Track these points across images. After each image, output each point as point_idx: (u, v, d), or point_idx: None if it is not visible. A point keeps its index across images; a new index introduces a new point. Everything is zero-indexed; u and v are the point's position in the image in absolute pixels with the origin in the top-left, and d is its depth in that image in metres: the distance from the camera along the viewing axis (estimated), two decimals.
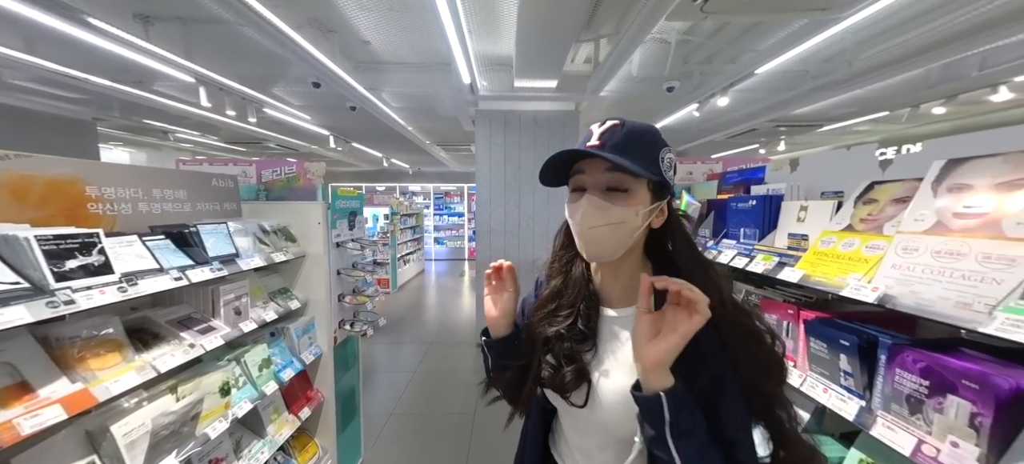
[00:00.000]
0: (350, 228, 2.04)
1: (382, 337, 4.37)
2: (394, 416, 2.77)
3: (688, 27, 2.68)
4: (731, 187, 1.85)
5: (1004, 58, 3.01)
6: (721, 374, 0.53)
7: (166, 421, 1.02)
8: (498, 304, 0.68)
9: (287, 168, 2.03)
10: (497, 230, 3.78)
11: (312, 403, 1.71)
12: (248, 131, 5.11)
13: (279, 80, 3.63)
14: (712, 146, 6.56)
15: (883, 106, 4.24)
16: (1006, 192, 0.65)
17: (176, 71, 2.83)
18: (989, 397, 0.61)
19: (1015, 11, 2.11)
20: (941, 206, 0.75)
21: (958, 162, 0.75)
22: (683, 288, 0.47)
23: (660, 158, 0.56)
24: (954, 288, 0.66)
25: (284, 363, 1.54)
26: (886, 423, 0.78)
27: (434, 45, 2.93)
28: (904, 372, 0.76)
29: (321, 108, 4.50)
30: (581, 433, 0.66)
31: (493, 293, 0.69)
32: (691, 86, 3.57)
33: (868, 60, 2.96)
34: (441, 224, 10.84)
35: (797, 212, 1.25)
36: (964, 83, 3.42)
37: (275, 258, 1.50)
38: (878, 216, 0.97)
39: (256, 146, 6.84)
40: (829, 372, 0.97)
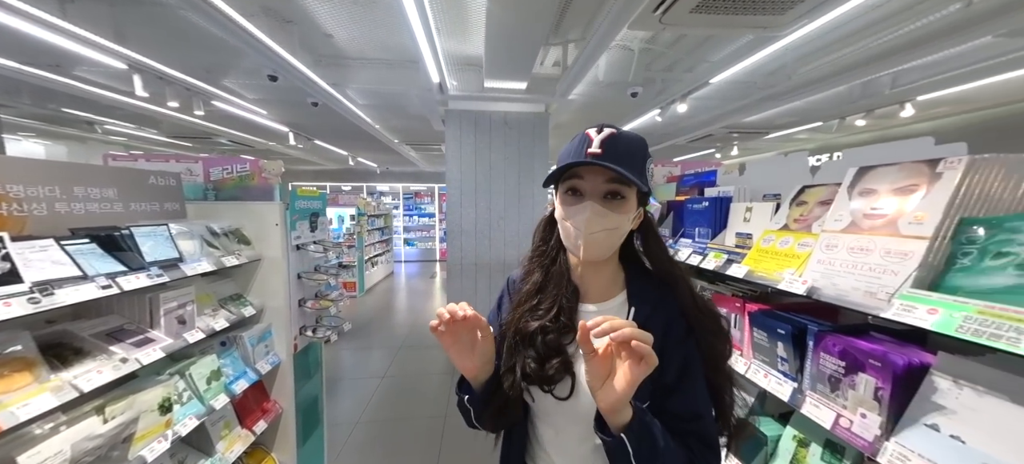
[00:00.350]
0: (312, 230, 1.94)
1: (348, 342, 4.19)
2: (361, 424, 2.67)
3: (650, 36, 2.82)
4: (687, 189, 1.97)
5: (909, 79, 3.48)
6: (690, 357, 0.60)
7: (91, 446, 0.91)
8: (473, 352, 0.62)
9: (240, 166, 1.89)
10: (468, 231, 3.75)
11: (269, 415, 1.61)
12: (194, 125, 4.69)
13: (230, 71, 3.37)
14: (674, 150, 6.93)
15: (817, 117, 4.72)
16: (902, 196, 0.75)
17: (103, 56, 2.54)
18: (888, 373, 0.70)
19: (918, 39, 2.45)
20: (854, 208, 0.85)
21: (867, 169, 0.85)
22: (634, 335, 0.47)
23: (647, 167, 0.62)
24: (863, 279, 0.75)
25: (237, 374, 1.44)
26: (813, 401, 0.87)
27: (401, 42, 2.85)
28: (826, 355, 0.85)
29: (279, 103, 4.23)
30: (560, 429, 0.67)
31: (456, 344, 0.61)
32: (654, 92, 3.76)
33: (804, 75, 3.28)
34: (411, 225, 10.57)
35: (743, 213, 1.35)
36: (879, 99, 3.90)
37: (226, 262, 1.39)
38: (808, 217, 1.08)
39: (204, 141, 6.29)
40: (769, 358, 1.06)
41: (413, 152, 7.61)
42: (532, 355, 0.63)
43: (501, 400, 0.65)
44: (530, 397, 0.65)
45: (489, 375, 0.65)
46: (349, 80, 3.49)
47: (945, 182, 0.69)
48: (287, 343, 1.69)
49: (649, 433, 0.53)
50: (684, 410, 0.59)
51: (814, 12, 1.87)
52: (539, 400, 0.65)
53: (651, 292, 0.65)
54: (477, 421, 0.68)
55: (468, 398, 0.66)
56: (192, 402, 1.23)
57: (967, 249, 0.64)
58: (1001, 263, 0.58)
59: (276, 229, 1.63)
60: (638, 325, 0.60)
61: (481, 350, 0.63)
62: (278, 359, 1.66)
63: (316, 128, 5.61)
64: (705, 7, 1.81)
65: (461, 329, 0.60)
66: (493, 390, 0.64)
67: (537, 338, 0.63)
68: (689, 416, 0.59)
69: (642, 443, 0.52)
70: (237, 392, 1.39)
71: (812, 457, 0.93)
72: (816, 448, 0.93)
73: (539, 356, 0.62)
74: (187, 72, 3.13)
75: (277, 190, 1.89)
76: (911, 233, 0.71)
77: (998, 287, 0.57)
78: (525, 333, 0.64)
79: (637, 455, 0.52)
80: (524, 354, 0.64)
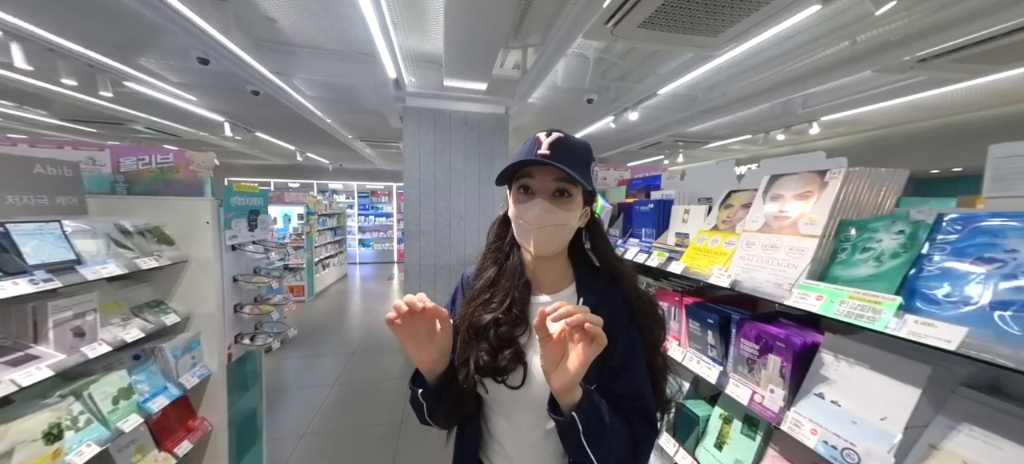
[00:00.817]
0: (251, 229, 1.78)
1: (295, 350, 3.89)
2: (307, 436, 2.49)
3: (604, 46, 2.98)
4: (636, 192, 2.11)
5: (816, 102, 4.07)
6: (633, 341, 0.66)
7: None
8: (431, 344, 0.63)
9: (161, 156, 1.68)
10: (427, 231, 3.67)
11: (195, 434, 1.44)
12: (100, 108, 4.04)
13: (148, 49, 2.95)
14: (627, 155, 7.37)
15: (747, 130, 5.32)
16: (801, 200, 0.88)
17: None
18: (790, 352, 0.82)
19: (820, 68, 2.88)
20: (768, 211, 0.98)
21: (777, 177, 0.99)
22: (586, 319, 0.51)
23: (591, 169, 0.66)
24: (773, 273, 0.87)
25: (154, 390, 1.27)
26: (735, 382, 0.99)
27: (355, 34, 2.71)
28: (745, 340, 0.97)
29: (213, 89, 3.80)
30: (512, 418, 0.69)
31: (413, 338, 0.61)
32: (608, 100, 3.97)
33: (736, 92, 3.68)
34: (367, 225, 10.06)
35: (682, 214, 1.49)
36: (793, 117, 4.51)
37: (141, 264, 1.23)
38: (733, 218, 1.22)
39: (114, 128, 5.42)
40: (701, 346, 1.18)
41: (369, 149, 7.25)
42: (485, 347, 0.65)
43: (455, 394, 0.66)
44: (483, 389, 0.67)
45: (444, 368, 0.65)
46: (296, 69, 3.24)
47: (830, 190, 0.82)
48: (219, 353, 1.53)
49: (597, 411, 0.58)
50: (628, 390, 0.65)
51: (741, 37, 2.11)
52: (492, 391, 0.67)
53: (598, 284, 0.70)
54: (429, 416, 0.68)
55: (422, 392, 0.66)
56: (91, 427, 1.07)
57: (844, 245, 0.77)
58: (865, 257, 0.71)
59: (207, 227, 1.47)
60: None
61: (439, 343, 0.63)
62: (208, 371, 1.50)
63: (258, 119, 5.12)
64: (651, 23, 1.96)
65: (418, 322, 0.60)
66: (447, 383, 0.65)
67: (490, 331, 0.66)
68: (632, 395, 0.65)
69: (590, 420, 0.56)
70: (154, 411, 1.24)
71: (734, 431, 1.06)
72: (737, 423, 1.06)
73: (492, 348, 0.65)
74: (89, 46, 2.69)
75: (209, 184, 1.71)
76: (807, 232, 0.83)
77: (863, 276, 0.69)
78: (478, 326, 0.67)
79: (586, 432, 0.56)
80: (477, 347, 0.66)
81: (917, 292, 0.61)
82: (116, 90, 3.23)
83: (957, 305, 0.55)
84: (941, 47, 2.21)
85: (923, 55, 2.32)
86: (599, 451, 0.58)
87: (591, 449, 0.57)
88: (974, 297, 0.54)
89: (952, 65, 2.45)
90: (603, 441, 0.58)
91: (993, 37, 2.08)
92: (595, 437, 0.57)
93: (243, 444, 1.74)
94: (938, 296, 0.58)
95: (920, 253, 0.64)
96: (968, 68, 2.53)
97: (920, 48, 2.26)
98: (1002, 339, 0.49)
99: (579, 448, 0.57)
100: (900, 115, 4.53)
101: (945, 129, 4.66)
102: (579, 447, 0.57)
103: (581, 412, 0.56)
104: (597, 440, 0.57)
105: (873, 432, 0.66)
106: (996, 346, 0.49)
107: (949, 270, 0.59)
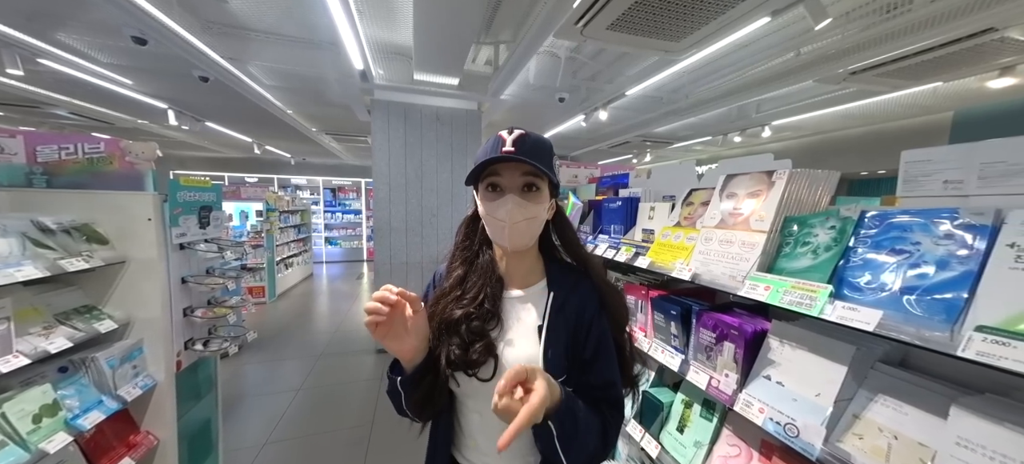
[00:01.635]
0: (202, 226, 1.64)
1: (255, 355, 3.66)
2: (269, 445, 2.36)
3: (575, 46, 3.04)
4: (606, 190, 2.18)
5: (768, 107, 4.42)
6: (604, 331, 0.69)
7: None
8: (409, 334, 0.62)
9: (90, 146, 1.49)
10: (398, 228, 3.58)
11: (137, 450, 1.32)
12: (7, 88, 3.53)
13: (68, 23, 2.60)
14: (597, 154, 7.58)
15: (707, 132, 5.67)
16: (753, 199, 0.96)
17: None
18: (742, 339, 0.90)
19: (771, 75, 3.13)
20: (724, 208, 1.05)
21: (732, 176, 1.06)
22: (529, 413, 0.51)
23: (554, 163, 0.68)
24: (728, 266, 0.94)
25: (86, 405, 1.15)
26: (694, 369, 1.06)
27: (317, 20, 2.57)
28: (704, 329, 1.04)
29: (153, 72, 3.44)
30: (483, 412, 0.70)
31: (391, 334, 0.61)
32: (579, 99, 4.06)
33: (698, 95, 3.90)
34: (334, 222, 9.62)
35: (648, 211, 1.56)
36: (748, 121, 4.87)
37: (66, 266, 1.10)
38: (693, 215, 1.30)
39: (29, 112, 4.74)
40: (665, 337, 1.25)
41: (334, 143, 6.91)
42: (457, 342, 0.66)
43: (430, 384, 0.66)
44: (455, 383, 0.68)
45: (425, 355, 0.66)
46: (251, 56, 3.02)
47: (776, 189, 0.90)
48: (166, 361, 1.41)
49: (572, 415, 0.60)
50: (599, 380, 0.68)
51: (701, 43, 2.24)
52: (464, 384, 0.68)
53: (567, 277, 0.73)
54: (406, 405, 0.68)
55: (401, 380, 0.66)
56: (7, 449, 0.95)
57: (788, 240, 0.85)
58: (805, 250, 0.79)
59: (149, 225, 1.34)
60: (557, 307, 0.68)
61: (416, 327, 0.63)
62: (152, 381, 1.38)
63: (207, 108, 4.71)
64: (618, 26, 2.03)
65: (395, 316, 0.60)
66: (426, 370, 0.65)
67: (462, 325, 0.67)
68: (603, 385, 0.69)
69: (566, 424, 0.59)
70: (86, 428, 1.12)
71: (694, 415, 1.14)
72: (697, 407, 1.14)
73: (463, 342, 0.66)
74: None
75: (151, 177, 1.55)
76: (757, 228, 0.91)
77: (802, 268, 0.77)
78: (450, 321, 0.67)
79: (560, 436, 0.58)
80: (448, 342, 0.66)
81: (845, 281, 0.69)
82: (28, 68, 2.83)
83: (875, 291, 0.63)
84: (866, 62, 2.47)
85: (853, 68, 2.59)
86: (571, 452, 0.60)
87: (564, 452, 0.59)
88: (888, 284, 0.62)
89: (875, 79, 2.76)
90: (576, 442, 0.60)
91: (907, 56, 2.36)
92: (568, 440, 0.59)
93: (196, 457, 1.62)
94: (861, 284, 0.66)
95: (847, 246, 0.72)
96: (888, 82, 2.85)
97: (850, 62, 2.52)
98: (908, 320, 0.57)
99: (552, 450, 0.59)
100: (834, 122, 5.03)
101: (870, 136, 5.25)
102: (552, 450, 0.59)
103: (556, 419, 0.57)
104: (570, 442, 0.59)
105: (809, 407, 0.74)
106: (904, 326, 0.56)
107: (869, 261, 0.67)
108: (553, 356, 0.66)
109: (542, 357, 0.65)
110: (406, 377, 0.65)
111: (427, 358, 0.65)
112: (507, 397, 0.51)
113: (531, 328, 0.69)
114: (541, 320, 0.68)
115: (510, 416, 0.51)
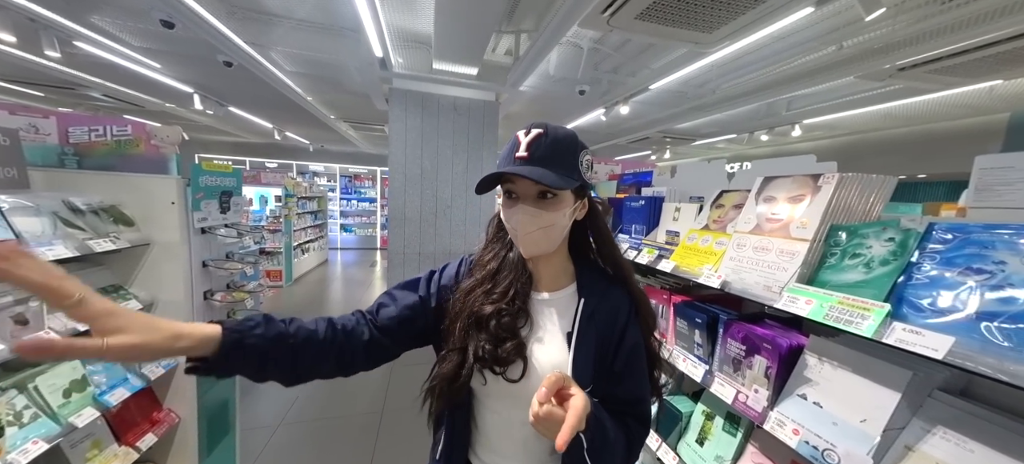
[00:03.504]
0: (222, 211, 1.67)
1: None
2: (283, 427, 2.43)
3: (598, 37, 2.93)
4: (627, 187, 2.11)
5: (800, 105, 4.18)
6: (637, 344, 0.66)
7: None
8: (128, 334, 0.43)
9: (118, 128, 1.53)
10: (412, 218, 3.58)
11: (160, 427, 1.37)
12: (46, 70, 3.69)
13: (102, 7, 2.68)
14: (616, 149, 7.40)
15: (732, 129, 5.43)
16: (793, 203, 0.89)
17: None
18: (776, 354, 0.84)
19: (806, 71, 2.94)
20: (760, 212, 0.98)
21: (770, 179, 0.99)
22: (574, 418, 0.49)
23: (580, 161, 0.62)
24: (763, 275, 0.88)
25: (113, 382, 1.19)
26: (719, 381, 1.00)
27: (338, 6, 2.56)
28: (732, 340, 0.98)
29: (180, 57, 3.52)
30: (503, 413, 0.68)
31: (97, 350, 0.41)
32: (599, 92, 3.94)
33: (725, 91, 3.72)
34: (349, 210, 9.78)
35: (673, 212, 1.49)
36: (777, 119, 4.63)
37: (95, 247, 1.13)
38: (724, 218, 1.22)
39: (66, 93, 4.95)
40: (687, 344, 1.19)
41: (352, 131, 6.98)
42: (486, 337, 0.63)
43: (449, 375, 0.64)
44: (482, 379, 0.65)
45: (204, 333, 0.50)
46: (274, 41, 3.04)
47: (823, 194, 0.82)
48: None
49: (602, 428, 0.58)
50: (629, 395, 0.65)
51: (735, 35, 2.11)
52: (491, 382, 0.65)
53: (598, 283, 0.69)
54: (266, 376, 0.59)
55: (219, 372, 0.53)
56: (39, 422, 0.99)
57: (834, 250, 0.78)
58: (854, 263, 0.72)
59: (172, 208, 1.37)
60: (587, 314, 0.65)
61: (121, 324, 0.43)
62: (174, 361, 1.42)
63: (230, 93, 4.81)
64: (648, 15, 1.93)
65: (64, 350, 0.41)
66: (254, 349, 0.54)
67: (491, 322, 0.64)
68: (633, 400, 0.65)
69: (595, 437, 0.57)
70: (112, 404, 1.16)
71: (716, 428, 1.08)
72: (719, 420, 1.08)
73: (493, 338, 0.63)
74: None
75: (175, 162, 1.58)
76: (798, 236, 0.84)
77: (851, 282, 0.70)
78: (480, 316, 0.64)
79: (590, 449, 0.57)
80: (477, 337, 0.64)
81: (905, 299, 0.62)
82: (65, 50, 2.94)
83: (944, 314, 0.56)
84: (919, 57, 2.28)
85: (902, 64, 2.40)
86: (600, 462, 0.58)
87: (592, 462, 0.58)
88: (961, 307, 0.55)
89: (926, 75, 2.56)
90: (604, 454, 0.58)
91: (966, 50, 2.17)
92: (597, 452, 0.58)
93: (214, 436, 1.67)
94: (925, 305, 0.59)
95: (909, 261, 0.65)
96: (940, 79, 2.64)
97: (900, 57, 2.33)
98: (987, 350, 0.50)
99: (581, 461, 0.58)
100: (872, 122, 4.72)
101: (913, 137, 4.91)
102: (581, 461, 0.58)
103: (587, 431, 0.55)
104: (598, 455, 0.58)
105: (853, 433, 0.68)
106: (981, 356, 0.50)
107: (937, 279, 0.60)
108: (581, 365, 0.63)
109: (571, 365, 0.62)
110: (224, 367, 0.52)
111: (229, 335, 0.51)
112: (548, 405, 0.50)
113: (559, 334, 0.66)
114: (571, 327, 0.65)
115: (550, 424, 0.50)
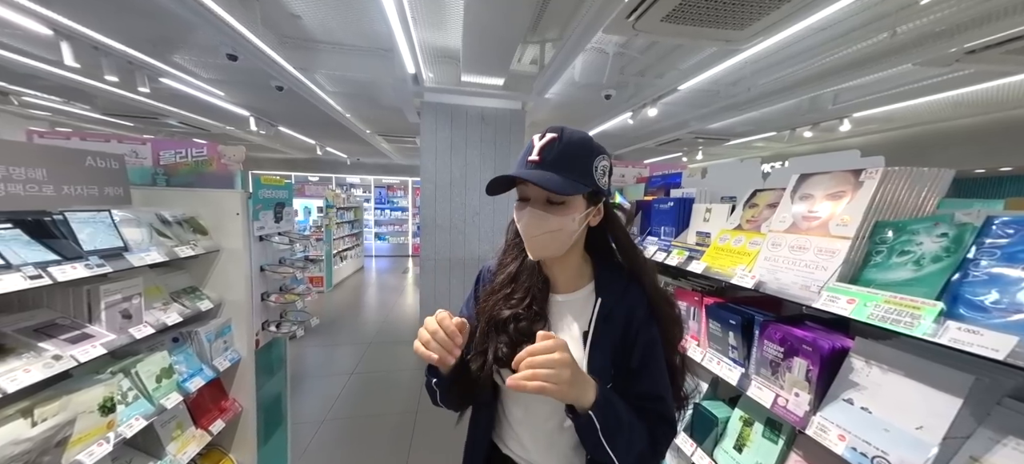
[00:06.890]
0: (276, 220, 1.85)
1: (314, 339, 4.02)
2: (327, 422, 2.58)
3: (624, 41, 2.92)
4: (655, 190, 2.07)
5: (847, 98, 3.87)
6: (653, 340, 0.66)
7: (17, 451, 0.83)
8: (453, 354, 0.62)
9: (195, 150, 1.76)
10: (442, 226, 3.71)
11: (227, 414, 1.52)
12: (137, 103, 4.26)
13: (181, 46, 3.09)
14: (644, 152, 7.22)
15: (771, 127, 5.11)
16: (832, 201, 0.85)
17: (22, 17, 2.25)
18: (817, 356, 0.80)
19: (855, 61, 2.73)
20: (796, 211, 0.94)
21: (807, 176, 0.95)
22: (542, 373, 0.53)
23: (594, 167, 0.63)
24: (800, 274, 0.84)
25: (191, 371, 1.35)
26: (757, 384, 0.97)
27: (375, 29, 2.76)
28: (769, 342, 0.94)
29: (240, 85, 3.94)
30: (528, 407, 0.71)
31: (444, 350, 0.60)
32: (626, 96, 3.89)
33: (761, 88, 3.54)
34: (383, 219, 10.26)
35: (703, 213, 1.45)
36: (823, 114, 4.30)
37: (179, 253, 1.30)
38: (758, 218, 1.18)
39: (149, 122, 5.71)
40: (721, 347, 1.15)
41: (386, 144, 7.37)
42: (504, 340, 0.66)
43: (467, 382, 0.68)
44: (500, 379, 0.68)
45: (457, 360, 0.66)
46: (318, 65, 3.32)
47: (865, 190, 0.78)
48: (248, 338, 1.61)
49: (613, 408, 0.59)
50: (648, 392, 0.65)
51: (769, 30, 2.03)
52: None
53: (617, 283, 0.70)
54: (442, 401, 0.71)
55: (436, 381, 0.69)
56: (139, 402, 1.15)
57: (879, 248, 0.74)
58: (903, 260, 0.68)
59: (237, 219, 1.54)
60: (604, 314, 0.66)
61: (461, 347, 0.64)
62: (238, 356, 1.58)
63: (281, 114, 5.29)
64: (674, 17, 1.91)
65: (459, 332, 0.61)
66: (460, 373, 0.67)
67: (509, 325, 0.67)
68: (652, 397, 0.65)
69: (608, 417, 0.58)
70: (191, 391, 1.31)
71: (755, 434, 1.03)
72: (758, 426, 1.04)
73: (511, 341, 0.66)
74: (129, 44, 2.84)
75: (238, 177, 1.78)
76: (838, 233, 0.80)
77: (899, 280, 0.66)
78: (498, 320, 0.68)
79: (604, 429, 0.57)
80: (496, 340, 0.67)
81: (961, 298, 0.58)
82: (152, 85, 3.40)
83: (1006, 313, 0.52)
84: (992, 38, 2.06)
85: (971, 47, 2.17)
86: (619, 447, 0.58)
87: (610, 446, 0.58)
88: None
89: (1003, 57, 2.28)
90: (622, 435, 0.58)
91: None
92: (613, 433, 0.58)
93: (269, 426, 1.82)
94: (985, 303, 0.55)
95: (965, 257, 0.61)
96: (1019, 60, 2.35)
97: (968, 39, 2.11)
98: None
99: (599, 446, 0.58)
100: (939, 111, 4.25)
101: (986, 126, 4.35)
102: (598, 445, 0.58)
103: (597, 410, 0.57)
104: (615, 435, 0.58)
105: (908, 441, 0.64)
106: None
107: (998, 276, 0.56)
108: (598, 363, 0.64)
109: (586, 363, 0.64)
110: (441, 379, 0.67)
111: (459, 364, 0.66)
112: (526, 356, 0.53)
113: (576, 334, 0.67)
114: (587, 326, 0.66)
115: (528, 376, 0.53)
